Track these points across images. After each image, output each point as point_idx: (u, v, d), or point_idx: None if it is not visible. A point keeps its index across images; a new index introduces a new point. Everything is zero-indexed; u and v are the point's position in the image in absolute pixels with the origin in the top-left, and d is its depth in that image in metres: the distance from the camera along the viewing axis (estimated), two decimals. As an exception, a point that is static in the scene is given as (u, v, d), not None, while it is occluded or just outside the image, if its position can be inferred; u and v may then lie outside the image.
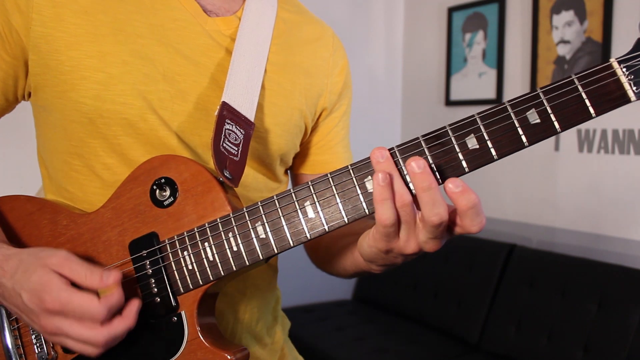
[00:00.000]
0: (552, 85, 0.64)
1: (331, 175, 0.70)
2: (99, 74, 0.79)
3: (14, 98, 0.86)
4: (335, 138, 1.00)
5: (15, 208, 0.85)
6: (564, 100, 0.63)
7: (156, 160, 0.79)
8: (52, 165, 0.88)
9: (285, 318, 1.07)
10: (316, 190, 0.71)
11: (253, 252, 0.73)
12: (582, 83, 0.63)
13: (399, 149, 0.67)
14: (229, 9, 0.89)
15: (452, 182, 0.62)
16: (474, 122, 0.65)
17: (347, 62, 1.01)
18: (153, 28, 0.82)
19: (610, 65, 0.62)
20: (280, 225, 0.72)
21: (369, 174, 0.68)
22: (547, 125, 0.64)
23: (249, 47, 0.87)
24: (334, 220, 0.70)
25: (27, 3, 0.79)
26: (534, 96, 0.64)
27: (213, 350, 0.76)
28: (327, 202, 0.70)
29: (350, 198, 0.69)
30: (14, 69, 0.82)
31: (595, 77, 0.62)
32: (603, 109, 0.63)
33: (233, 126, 0.81)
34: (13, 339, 0.82)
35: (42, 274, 0.71)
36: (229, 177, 0.77)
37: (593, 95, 0.62)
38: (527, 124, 0.64)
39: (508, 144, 0.64)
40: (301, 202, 0.71)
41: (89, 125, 0.81)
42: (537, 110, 0.64)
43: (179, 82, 0.83)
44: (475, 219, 0.64)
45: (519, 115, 0.64)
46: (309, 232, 0.71)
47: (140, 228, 0.78)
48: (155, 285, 0.77)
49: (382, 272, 0.78)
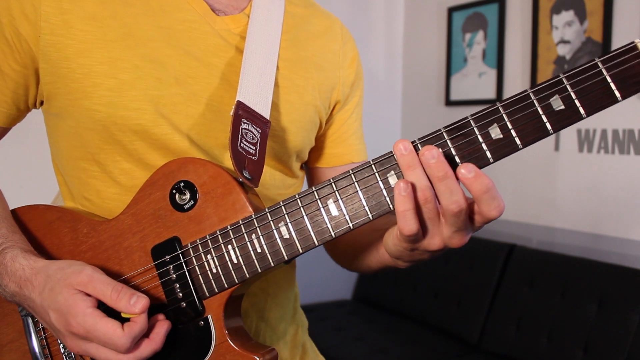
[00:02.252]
0: (575, 70, 0.62)
1: (353, 171, 0.69)
2: (111, 80, 0.79)
3: (25, 107, 0.86)
4: (348, 130, 0.99)
5: (34, 218, 0.84)
6: (588, 85, 0.61)
7: (174, 164, 0.78)
8: (68, 172, 0.87)
9: (303, 315, 1.07)
10: (339, 187, 0.69)
11: (277, 253, 0.72)
12: (607, 66, 0.60)
13: (421, 141, 0.66)
14: (237, 6, 0.88)
15: (465, 167, 0.62)
16: (496, 111, 0.64)
17: (357, 52, 1.01)
18: (162, 31, 0.81)
19: (635, 46, 0.60)
20: (303, 224, 0.71)
21: (391, 169, 0.67)
22: (571, 112, 0.62)
23: (259, 45, 0.86)
24: (358, 217, 0.69)
25: (35, 12, 0.78)
26: (557, 82, 0.62)
27: (241, 352, 0.75)
28: (350, 199, 0.69)
29: (374, 194, 0.68)
30: (25, 78, 0.82)
31: (620, 60, 0.60)
32: (630, 92, 0.60)
33: (249, 125, 0.80)
34: (41, 348, 0.82)
35: (67, 295, 0.71)
36: (248, 178, 0.76)
37: (618, 78, 0.60)
38: (551, 110, 0.62)
39: (532, 132, 0.63)
40: (324, 200, 0.70)
41: (103, 132, 0.81)
42: (560, 97, 0.62)
43: (191, 84, 0.82)
44: (492, 203, 0.63)
45: (542, 102, 0.62)
46: (333, 230, 0.70)
47: (162, 233, 0.78)
48: (180, 290, 0.76)
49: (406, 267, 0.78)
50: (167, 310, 0.77)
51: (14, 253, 0.76)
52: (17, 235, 0.80)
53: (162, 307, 0.77)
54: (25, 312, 0.82)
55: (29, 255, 0.77)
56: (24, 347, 0.82)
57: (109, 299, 0.71)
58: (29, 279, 0.74)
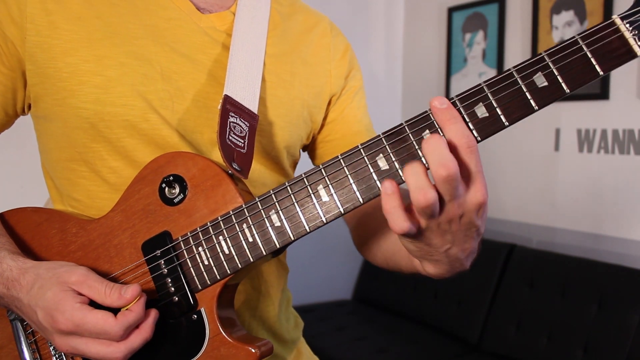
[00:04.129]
0: (556, 47, 0.64)
1: (342, 156, 0.69)
2: (97, 77, 0.79)
3: (14, 112, 0.86)
4: (351, 119, 0.99)
5: (22, 220, 0.84)
6: (570, 61, 0.63)
7: (162, 159, 0.78)
8: (57, 175, 0.87)
9: (298, 317, 1.07)
10: (328, 172, 0.70)
11: (269, 242, 0.73)
12: (586, 42, 0.62)
13: (408, 123, 0.66)
14: (222, 4, 0.89)
15: (438, 99, 0.63)
16: (481, 90, 0.65)
17: (349, 45, 1.01)
18: (148, 29, 0.82)
19: (612, 22, 0.62)
20: (294, 211, 0.71)
21: (380, 152, 0.67)
22: (555, 88, 0.63)
23: (246, 41, 0.86)
24: (348, 201, 0.69)
25: (21, 13, 0.79)
26: (539, 59, 0.64)
27: (236, 345, 0.74)
28: (340, 183, 0.69)
29: (363, 177, 0.68)
30: (12, 82, 0.82)
31: (599, 35, 0.62)
32: (609, 66, 0.62)
33: (237, 119, 0.80)
34: (31, 352, 0.81)
35: (57, 291, 0.70)
36: (237, 169, 0.77)
37: (598, 54, 0.62)
38: (535, 87, 0.64)
39: (517, 109, 0.64)
40: (314, 187, 0.70)
41: (91, 130, 0.81)
42: (543, 74, 0.63)
43: (177, 80, 0.82)
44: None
45: (525, 79, 0.64)
46: (324, 215, 0.70)
47: (152, 228, 0.78)
48: (172, 284, 0.76)
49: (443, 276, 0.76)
50: (159, 304, 0.77)
51: (1, 255, 0.76)
52: (3, 238, 0.80)
53: (155, 302, 0.77)
54: (13, 316, 0.81)
55: (16, 256, 0.76)
56: (14, 352, 0.81)
57: (103, 295, 0.71)
58: (17, 279, 0.74)
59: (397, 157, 0.67)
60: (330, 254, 3.21)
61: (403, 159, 0.66)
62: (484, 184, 0.65)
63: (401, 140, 0.67)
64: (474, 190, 0.64)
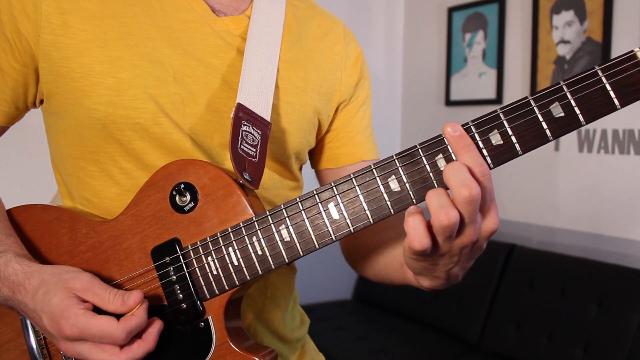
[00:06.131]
0: (575, 78, 0.62)
1: (354, 175, 0.69)
2: (110, 79, 0.79)
3: (24, 106, 0.86)
4: (355, 128, 0.99)
5: (31, 217, 0.84)
6: (588, 92, 0.62)
7: (173, 166, 0.78)
8: (67, 171, 0.87)
9: (304, 315, 1.07)
10: (339, 190, 0.70)
11: (278, 256, 0.73)
12: (606, 74, 0.61)
13: (422, 146, 0.67)
14: (237, 7, 0.88)
15: (451, 126, 0.64)
16: (496, 117, 0.64)
17: (361, 52, 1.00)
18: (162, 30, 0.82)
19: (634, 55, 0.61)
20: (304, 227, 0.72)
21: (392, 174, 0.68)
22: (571, 119, 0.63)
23: (260, 46, 0.85)
24: (359, 221, 0.69)
25: (36, 11, 0.78)
26: (557, 89, 0.63)
27: (242, 354, 0.75)
28: (351, 202, 0.69)
29: (375, 198, 0.68)
30: (24, 77, 0.82)
31: (619, 68, 0.61)
32: (628, 100, 0.61)
33: (250, 127, 0.80)
34: (39, 347, 0.81)
35: (62, 297, 0.71)
36: (248, 180, 0.77)
37: (617, 87, 0.61)
38: (551, 117, 0.63)
39: (532, 138, 0.64)
40: (325, 204, 0.71)
41: (102, 131, 0.81)
42: (560, 104, 0.63)
43: (190, 84, 0.82)
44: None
45: (542, 109, 0.63)
46: (334, 233, 0.71)
47: (162, 234, 0.78)
48: (181, 291, 0.76)
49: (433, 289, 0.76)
50: (167, 311, 0.77)
51: (7, 257, 0.76)
52: (11, 239, 0.80)
53: (163, 308, 0.77)
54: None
55: (22, 259, 0.76)
56: (23, 346, 0.82)
57: (107, 302, 0.71)
58: (22, 283, 0.74)
59: (410, 180, 0.67)
60: (330, 254, 3.21)
61: (415, 181, 0.67)
62: (497, 212, 0.66)
63: (414, 163, 0.67)
64: (489, 218, 0.66)
